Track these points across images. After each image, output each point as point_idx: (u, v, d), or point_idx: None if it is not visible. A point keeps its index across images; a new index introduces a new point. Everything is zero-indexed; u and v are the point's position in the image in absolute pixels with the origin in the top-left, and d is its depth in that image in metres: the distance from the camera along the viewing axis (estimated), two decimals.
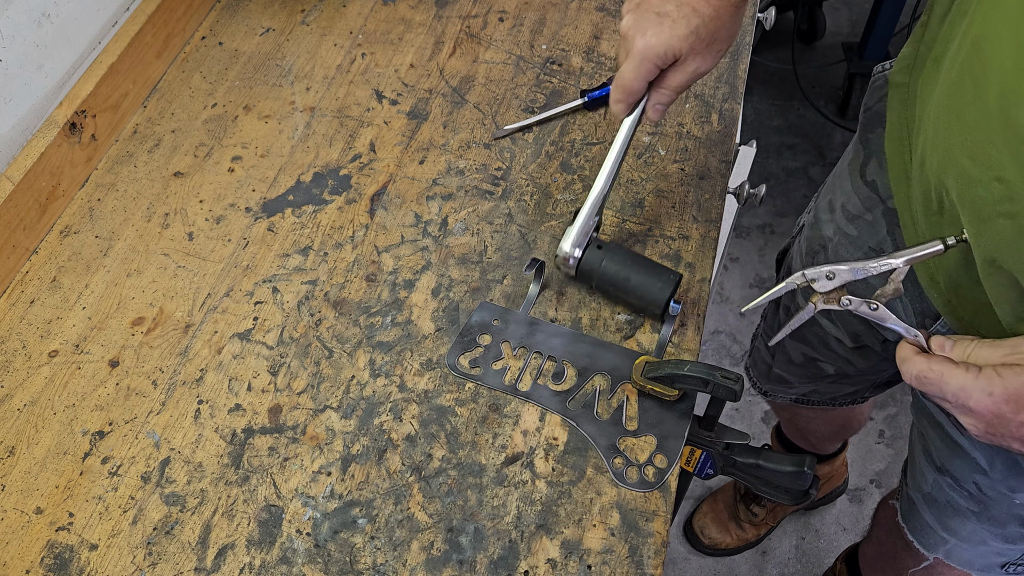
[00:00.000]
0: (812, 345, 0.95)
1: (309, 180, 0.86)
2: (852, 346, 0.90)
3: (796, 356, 1.00)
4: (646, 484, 0.66)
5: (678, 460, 0.67)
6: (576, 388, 0.71)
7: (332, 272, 0.79)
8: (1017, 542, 0.80)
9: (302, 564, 0.63)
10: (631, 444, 0.68)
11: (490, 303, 0.76)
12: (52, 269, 0.80)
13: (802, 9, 2.14)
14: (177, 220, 0.83)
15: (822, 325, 0.91)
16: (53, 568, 0.63)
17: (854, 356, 0.92)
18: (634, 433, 0.69)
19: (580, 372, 0.72)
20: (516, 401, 0.71)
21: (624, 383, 0.71)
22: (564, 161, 0.87)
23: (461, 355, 0.73)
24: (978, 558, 0.85)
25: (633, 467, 0.67)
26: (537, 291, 0.76)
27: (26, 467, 0.68)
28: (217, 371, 0.73)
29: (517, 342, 0.74)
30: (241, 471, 0.68)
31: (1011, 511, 0.76)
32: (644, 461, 0.67)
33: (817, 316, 0.90)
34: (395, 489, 0.67)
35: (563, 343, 0.73)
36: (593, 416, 0.70)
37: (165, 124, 0.91)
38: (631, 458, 0.68)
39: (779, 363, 1.05)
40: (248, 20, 1.01)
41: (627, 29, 0.68)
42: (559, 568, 0.62)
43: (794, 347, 0.99)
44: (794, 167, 2.03)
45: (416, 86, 0.94)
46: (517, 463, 0.68)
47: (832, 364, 0.96)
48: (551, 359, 0.73)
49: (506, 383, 0.71)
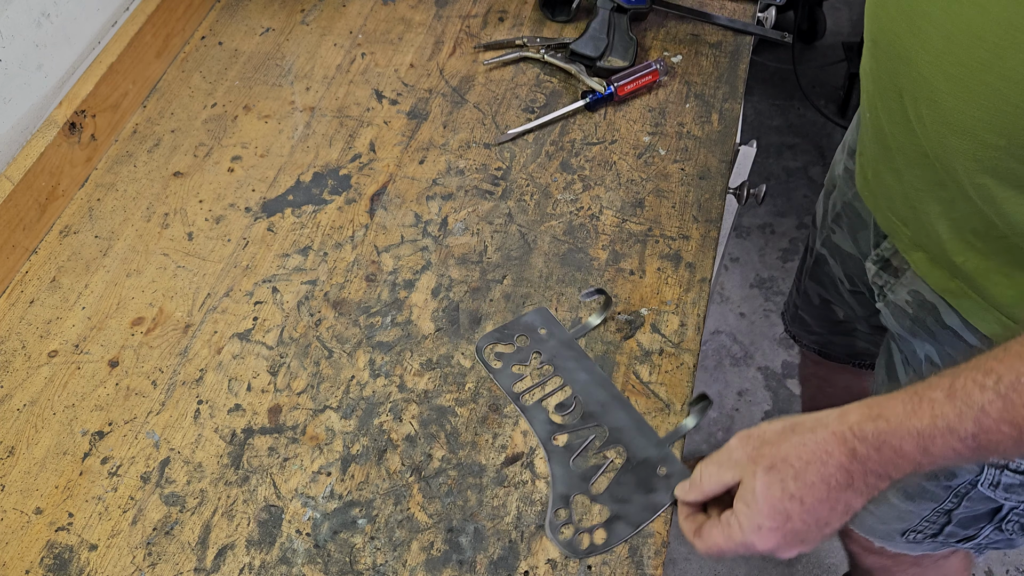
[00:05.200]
0: (825, 286, 0.99)
1: (309, 180, 0.86)
2: (850, 288, 0.94)
3: (814, 297, 1.04)
4: (573, 548, 0.62)
5: (615, 546, 0.63)
6: (570, 428, 0.69)
7: (332, 272, 0.79)
8: (917, 499, 0.78)
9: (302, 564, 0.63)
10: (584, 504, 0.65)
11: (548, 311, 0.75)
12: (52, 269, 0.80)
13: (802, 9, 2.14)
14: (177, 220, 0.83)
15: (830, 265, 0.95)
16: (53, 568, 0.63)
17: (853, 300, 0.95)
18: (594, 497, 0.65)
19: (584, 416, 0.69)
20: None
21: (617, 446, 0.67)
22: (564, 161, 0.86)
23: (493, 343, 0.73)
24: (879, 523, 0.85)
25: (571, 525, 0.64)
26: (596, 324, 0.74)
27: (26, 467, 0.68)
28: (217, 371, 0.73)
29: (548, 358, 0.72)
30: (241, 471, 0.68)
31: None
32: (586, 527, 0.63)
33: (827, 255, 0.95)
34: (395, 489, 0.66)
35: (587, 381, 0.71)
36: (568, 461, 0.67)
37: (165, 124, 0.91)
38: (575, 517, 0.64)
39: (802, 305, 1.09)
40: (248, 20, 1.01)
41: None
42: (559, 568, 0.62)
43: (812, 288, 1.03)
44: (794, 167, 2.03)
45: (416, 86, 0.94)
46: (517, 463, 0.67)
47: (841, 307, 1.00)
48: (566, 389, 0.71)
49: (514, 389, 0.71)
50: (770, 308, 1.83)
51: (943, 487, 0.76)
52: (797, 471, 0.53)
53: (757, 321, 1.81)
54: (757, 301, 1.84)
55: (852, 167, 0.86)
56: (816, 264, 0.99)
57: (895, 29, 0.59)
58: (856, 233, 0.87)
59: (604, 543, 0.63)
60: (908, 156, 0.64)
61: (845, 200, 0.89)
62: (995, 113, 0.52)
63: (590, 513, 0.64)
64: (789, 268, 1.88)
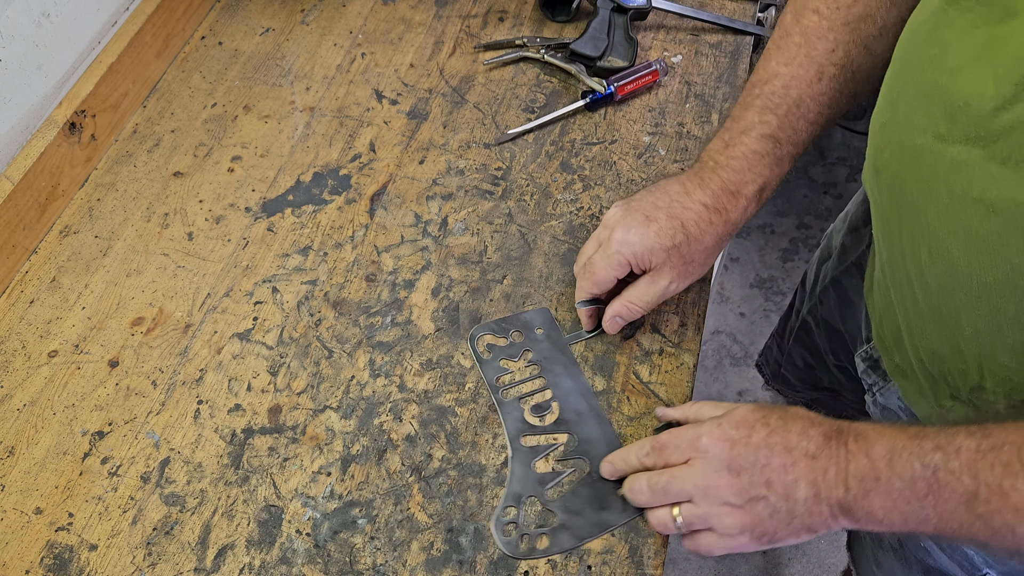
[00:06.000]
0: (810, 352, 0.96)
1: (309, 180, 0.86)
2: (835, 363, 0.91)
3: (798, 359, 1.01)
4: (512, 547, 0.62)
5: (553, 555, 0.62)
6: (540, 431, 0.68)
7: (332, 272, 0.79)
8: None
9: (302, 564, 0.63)
10: (536, 509, 0.64)
11: (550, 313, 0.75)
12: (52, 269, 0.80)
13: None
14: (177, 220, 0.83)
15: (815, 334, 0.91)
16: (53, 568, 0.63)
17: (840, 374, 0.92)
18: (546, 503, 0.64)
19: (557, 422, 0.68)
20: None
21: (582, 458, 0.67)
22: (564, 161, 0.86)
23: (487, 334, 0.73)
24: None
25: (516, 525, 0.63)
26: (591, 335, 0.73)
27: (26, 467, 0.68)
28: (217, 371, 0.73)
29: (537, 358, 0.72)
30: (241, 471, 0.68)
31: (917, 554, 0.75)
32: (530, 530, 0.63)
33: (812, 324, 0.91)
34: (395, 489, 0.66)
35: (569, 388, 0.70)
36: (530, 462, 0.66)
37: (165, 124, 0.91)
38: (523, 518, 0.64)
39: (786, 365, 1.06)
40: (248, 20, 1.01)
41: (611, 219, 0.68)
42: (559, 568, 0.62)
43: (796, 351, 1.00)
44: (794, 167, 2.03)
45: (416, 86, 0.94)
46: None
47: (825, 375, 0.96)
48: (547, 392, 0.70)
49: (495, 382, 0.71)
50: (770, 308, 1.83)
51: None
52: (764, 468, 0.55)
53: (757, 321, 1.81)
54: (757, 301, 1.84)
55: (849, 244, 0.84)
56: (802, 329, 0.96)
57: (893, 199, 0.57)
58: (844, 311, 0.85)
59: (544, 550, 0.62)
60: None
61: (836, 276, 0.87)
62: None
63: (539, 517, 0.64)
64: (789, 268, 1.88)
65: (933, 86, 0.50)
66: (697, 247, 0.67)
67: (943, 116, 0.49)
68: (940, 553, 0.71)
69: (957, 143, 0.48)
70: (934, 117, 0.50)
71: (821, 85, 0.65)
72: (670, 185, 0.69)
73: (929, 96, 0.50)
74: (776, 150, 0.68)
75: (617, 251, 0.66)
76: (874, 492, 0.51)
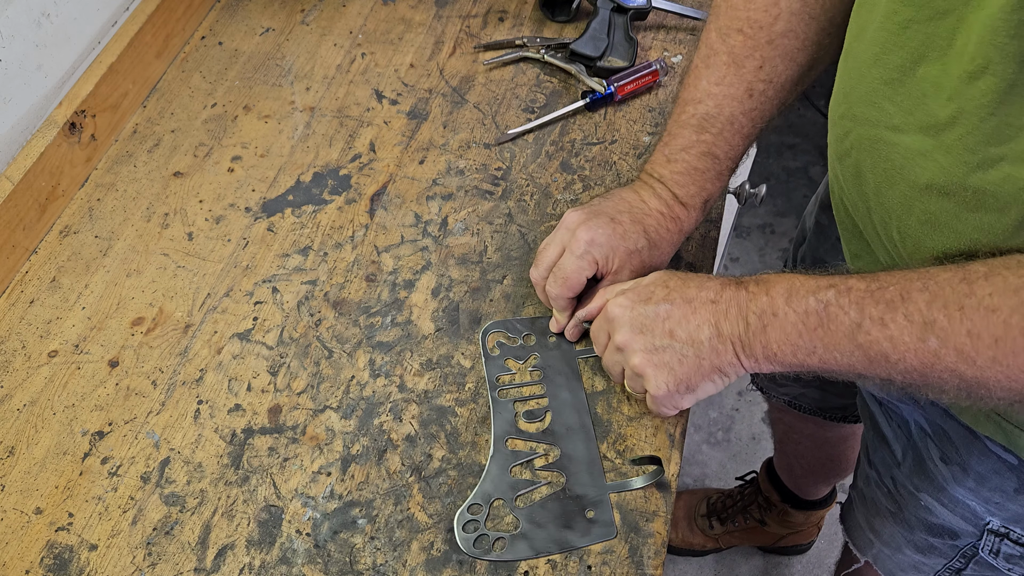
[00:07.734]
0: None
1: (309, 180, 0.86)
2: None
3: None
4: (467, 545, 0.62)
5: (507, 562, 0.62)
6: (526, 437, 0.68)
7: (332, 272, 0.79)
8: (927, 553, 0.78)
9: (302, 564, 0.63)
10: (502, 514, 0.64)
11: None
12: (52, 269, 0.80)
13: None
14: (177, 220, 0.83)
15: None
16: (53, 568, 0.63)
17: None
18: (513, 509, 0.64)
19: (545, 432, 0.68)
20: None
21: (560, 472, 0.66)
22: (564, 161, 0.87)
23: (499, 331, 0.74)
24: (898, 569, 0.84)
25: (476, 523, 0.63)
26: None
27: (26, 467, 0.68)
28: (217, 371, 0.73)
29: (543, 364, 0.72)
30: (241, 471, 0.68)
31: (918, 514, 0.76)
32: (491, 532, 0.63)
33: None
34: (395, 489, 0.66)
35: (566, 401, 0.70)
36: (508, 466, 0.66)
37: (165, 124, 0.91)
38: (489, 524, 0.64)
39: None
40: (248, 20, 1.01)
41: (572, 222, 0.70)
42: (559, 568, 0.62)
43: None
44: (794, 167, 2.03)
45: (416, 86, 0.94)
46: (517, 464, 0.67)
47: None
48: (543, 401, 0.70)
49: (495, 380, 0.71)
50: None
51: (949, 546, 0.75)
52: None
53: None
54: None
55: (824, 221, 0.86)
56: None
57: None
58: None
59: (498, 554, 0.62)
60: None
61: (816, 255, 0.87)
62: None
63: (502, 522, 0.64)
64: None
65: (881, 82, 0.54)
66: (656, 253, 0.70)
67: (896, 109, 0.53)
68: (942, 509, 0.72)
69: (912, 133, 0.53)
70: (886, 110, 0.54)
71: (752, 101, 0.69)
72: (625, 193, 0.72)
73: (878, 91, 0.54)
74: (716, 165, 0.71)
75: (586, 251, 0.68)
76: (771, 326, 0.57)
